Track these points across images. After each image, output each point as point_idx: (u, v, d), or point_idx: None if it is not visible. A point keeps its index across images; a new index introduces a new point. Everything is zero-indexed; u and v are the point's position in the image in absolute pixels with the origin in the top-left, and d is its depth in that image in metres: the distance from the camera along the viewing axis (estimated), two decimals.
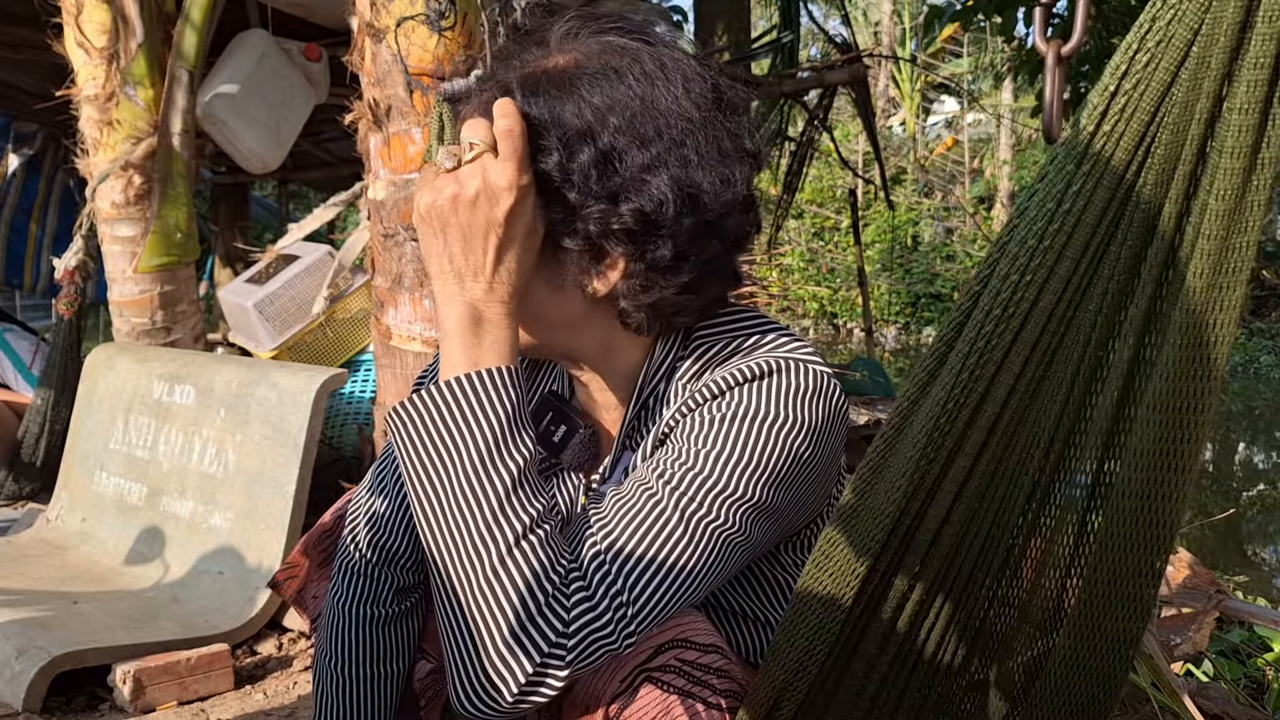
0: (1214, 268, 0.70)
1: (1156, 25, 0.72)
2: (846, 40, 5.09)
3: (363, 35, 2.25)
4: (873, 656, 0.86)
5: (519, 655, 0.77)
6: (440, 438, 0.82)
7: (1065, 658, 0.81)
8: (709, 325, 0.98)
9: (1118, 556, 0.76)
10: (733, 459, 0.84)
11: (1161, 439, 0.73)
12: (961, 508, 0.81)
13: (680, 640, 0.83)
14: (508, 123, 0.83)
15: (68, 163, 4.00)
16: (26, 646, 1.98)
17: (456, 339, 0.84)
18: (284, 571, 1.27)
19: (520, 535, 0.79)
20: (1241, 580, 3.47)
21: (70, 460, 2.98)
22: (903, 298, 14.88)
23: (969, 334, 0.78)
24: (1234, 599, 2.00)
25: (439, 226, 0.84)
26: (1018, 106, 15.27)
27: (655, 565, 0.80)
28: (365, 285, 3.16)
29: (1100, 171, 0.74)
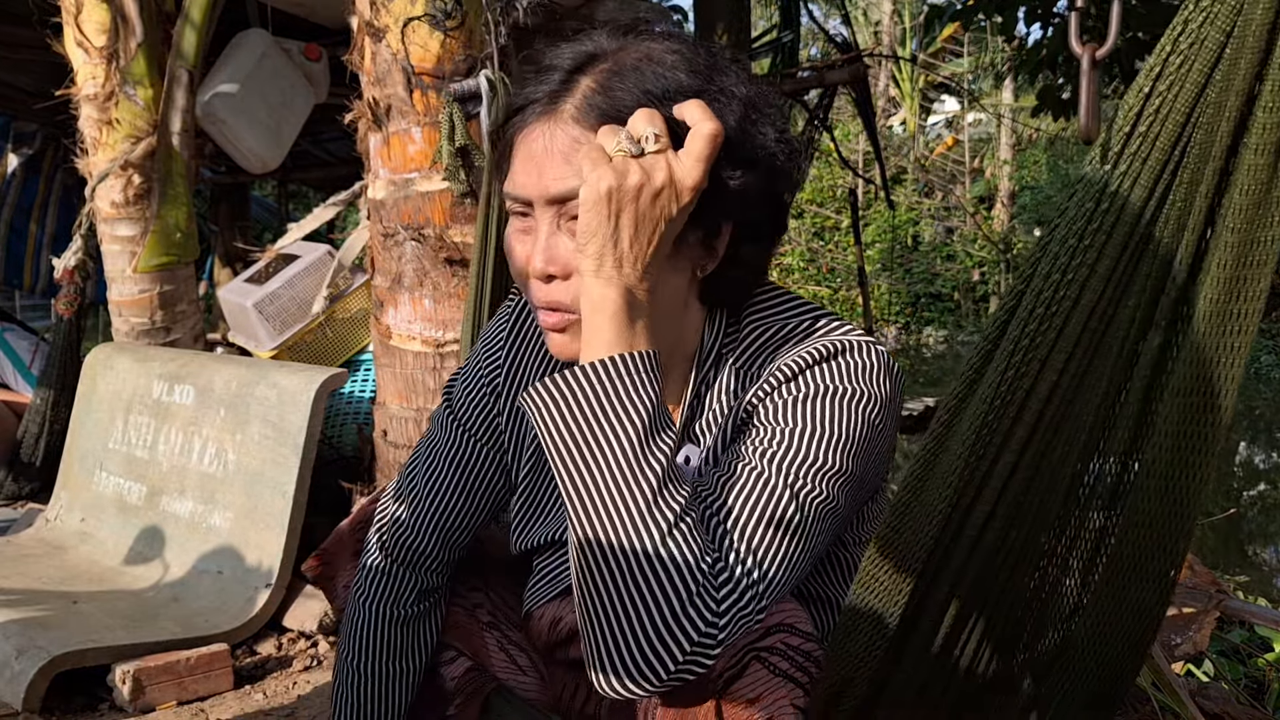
0: (1238, 259, 0.73)
1: (1189, 28, 0.74)
2: (847, 40, 5.08)
3: (362, 35, 2.25)
4: (921, 649, 0.89)
5: (678, 638, 0.79)
6: (599, 415, 0.82)
7: (1091, 630, 0.85)
8: (756, 310, 1.03)
9: (1144, 532, 0.80)
10: (823, 435, 0.89)
11: (1186, 420, 0.77)
12: (1006, 502, 0.84)
13: (787, 625, 0.86)
14: (713, 126, 0.86)
15: (67, 162, 4.00)
16: (26, 646, 1.98)
17: (610, 320, 0.85)
18: (317, 558, 1.28)
19: (674, 523, 0.81)
20: (1242, 580, 3.47)
21: (70, 460, 2.98)
22: (903, 297, 14.88)
23: (1013, 332, 0.81)
24: (1234, 599, 2.00)
25: (614, 210, 0.85)
26: (1018, 106, 15.25)
27: (777, 543, 0.84)
28: (365, 285, 3.16)
29: (1137, 171, 0.77)
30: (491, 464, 1.14)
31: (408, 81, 2.17)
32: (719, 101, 0.91)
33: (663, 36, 0.95)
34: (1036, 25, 5.04)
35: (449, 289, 2.23)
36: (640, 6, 3.32)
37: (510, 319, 1.16)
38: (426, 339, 2.27)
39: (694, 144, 0.86)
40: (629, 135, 0.86)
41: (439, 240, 2.21)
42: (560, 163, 0.91)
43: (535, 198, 0.93)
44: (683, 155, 0.86)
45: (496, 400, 1.14)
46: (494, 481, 1.15)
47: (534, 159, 0.92)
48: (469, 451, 1.14)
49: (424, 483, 1.12)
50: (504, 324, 1.16)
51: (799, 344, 0.97)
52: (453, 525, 1.13)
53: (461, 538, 1.15)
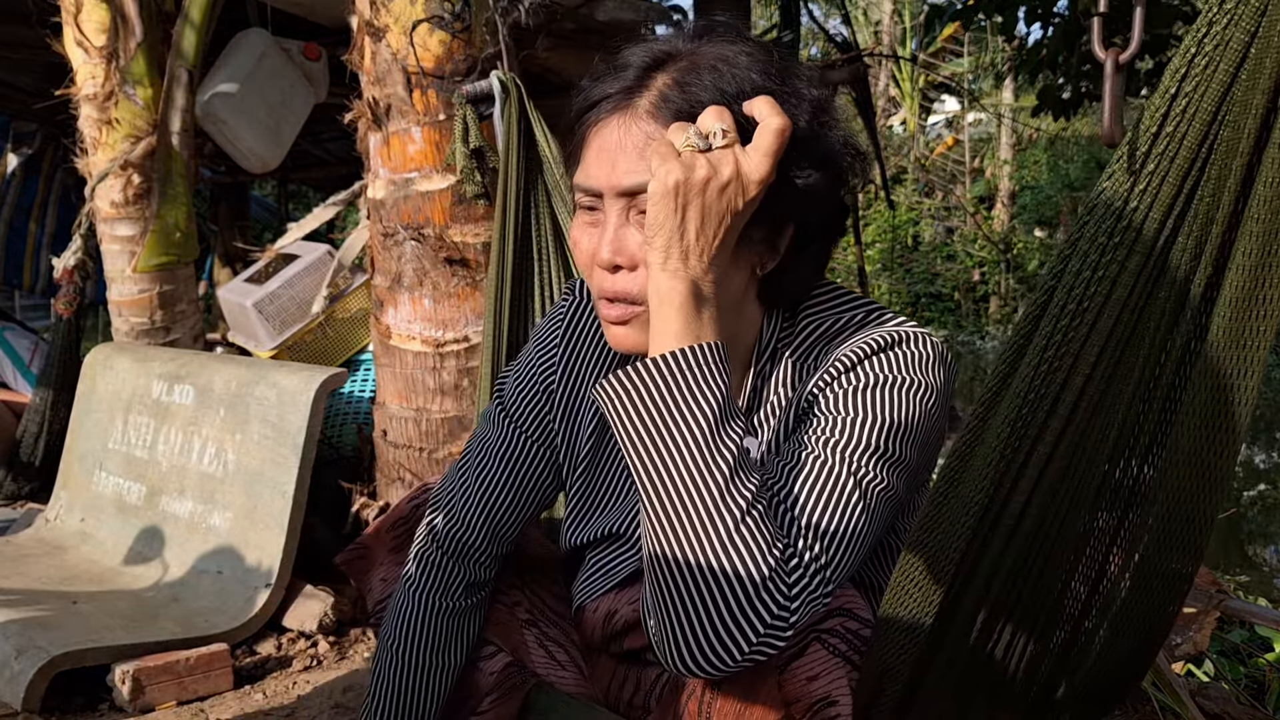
0: (1262, 249, 0.75)
1: (1213, 30, 0.76)
2: (847, 39, 5.08)
3: (362, 34, 2.25)
4: (959, 639, 0.90)
5: (753, 621, 0.81)
6: (672, 406, 0.85)
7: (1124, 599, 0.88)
8: (811, 305, 1.06)
9: (1176, 504, 0.83)
10: (882, 424, 0.92)
11: (1213, 400, 0.79)
12: (1041, 493, 0.86)
13: (846, 610, 0.88)
14: (781, 122, 0.88)
15: (67, 162, 4.00)
16: (25, 646, 1.98)
17: (680, 312, 0.87)
18: (352, 552, 1.31)
19: (746, 510, 0.83)
20: (1242, 580, 3.47)
21: (69, 460, 2.98)
22: (903, 297, 14.88)
23: (1045, 328, 0.83)
24: (1235, 599, 2.00)
25: (681, 203, 0.87)
26: (1018, 106, 15.24)
27: (841, 527, 0.87)
28: (365, 284, 3.16)
29: (1166, 170, 0.79)
30: (542, 461, 1.18)
31: (407, 81, 2.16)
32: (790, 101, 0.93)
33: (737, 39, 0.98)
34: (1036, 25, 5.04)
35: (449, 289, 2.23)
36: (641, 6, 3.32)
37: (565, 318, 1.18)
38: (426, 339, 2.26)
39: (761, 138, 0.88)
40: (698, 131, 0.88)
41: (439, 240, 2.21)
42: (633, 157, 0.93)
43: (606, 189, 0.95)
44: (750, 150, 0.88)
45: (550, 398, 1.17)
46: (543, 478, 1.18)
47: (607, 152, 0.95)
48: (520, 448, 1.17)
49: (475, 478, 1.16)
50: (559, 322, 1.19)
51: (854, 336, 1.00)
52: (502, 520, 1.16)
53: (510, 532, 1.18)
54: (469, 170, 1.99)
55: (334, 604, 2.30)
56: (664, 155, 0.88)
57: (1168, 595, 0.88)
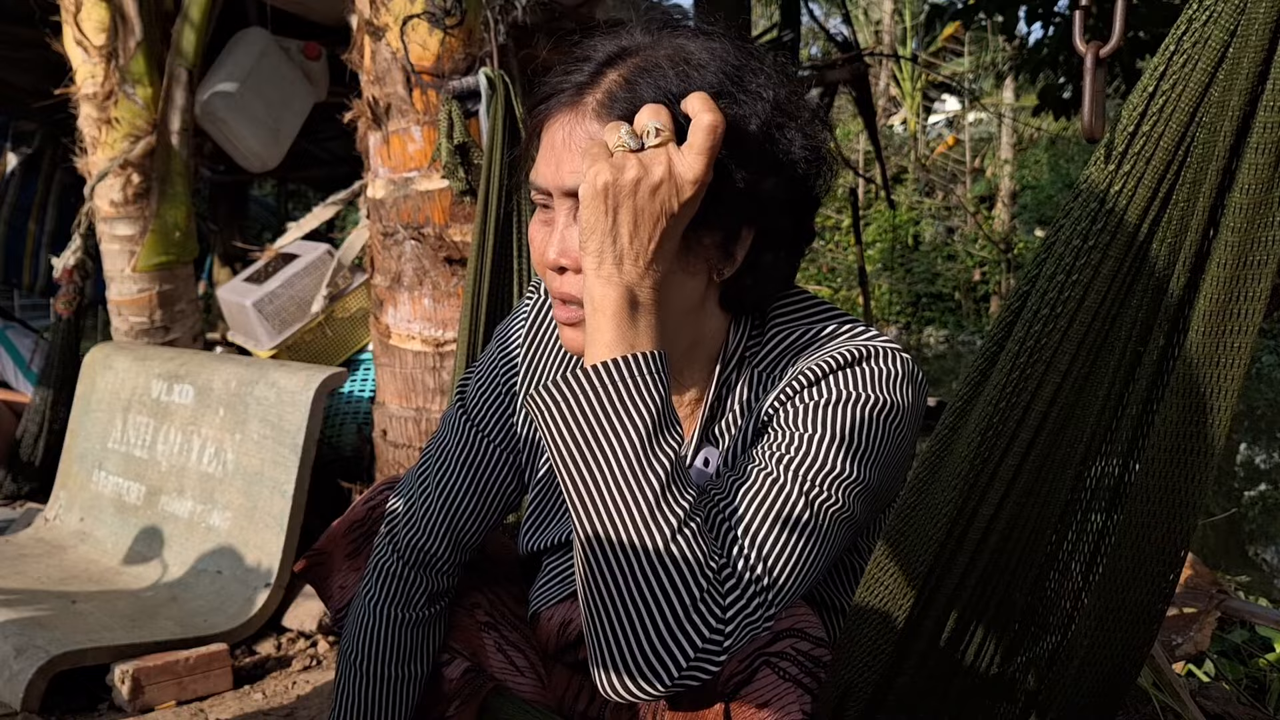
0: (1238, 259, 0.72)
1: (1193, 27, 0.74)
2: (847, 39, 5.09)
3: (362, 33, 2.25)
4: (923, 653, 0.88)
5: (682, 643, 0.78)
6: (601, 419, 0.81)
7: (1091, 630, 0.85)
8: (781, 314, 1.01)
9: (1142, 534, 0.79)
10: (840, 443, 0.88)
11: (1185, 421, 0.76)
12: (1009, 505, 0.83)
13: (797, 630, 0.85)
14: (712, 118, 0.84)
15: (66, 161, 3.99)
16: (25, 646, 1.98)
17: (611, 320, 0.83)
18: (310, 558, 1.27)
19: (678, 526, 0.79)
20: (1243, 580, 3.46)
21: (68, 459, 2.97)
22: (904, 297, 14.87)
23: (1018, 333, 0.81)
24: (1235, 599, 2.00)
25: (611, 206, 0.83)
26: (1019, 106, 15.24)
27: (788, 549, 0.83)
28: (364, 284, 3.15)
29: (1141, 171, 0.77)
30: (504, 465, 1.13)
31: (407, 80, 2.16)
32: (741, 101, 0.89)
33: (699, 33, 0.94)
34: (1037, 25, 5.05)
35: (448, 288, 2.23)
36: (640, 5, 3.32)
37: (529, 317, 1.15)
38: (426, 338, 2.26)
39: (694, 136, 0.84)
40: (630, 130, 0.85)
41: (438, 239, 2.21)
42: (577, 157, 0.90)
43: (553, 189, 0.93)
44: (685, 149, 0.84)
45: (513, 400, 1.14)
46: (506, 483, 1.14)
47: (554, 150, 0.92)
48: (482, 452, 1.13)
49: (436, 484, 1.11)
50: (521, 323, 1.15)
51: (822, 349, 0.96)
52: (464, 527, 1.12)
53: (472, 539, 1.14)
54: (452, 166, 1.98)
55: None
56: (594, 156, 0.84)
57: (1138, 625, 0.83)
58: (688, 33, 0.94)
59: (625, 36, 0.94)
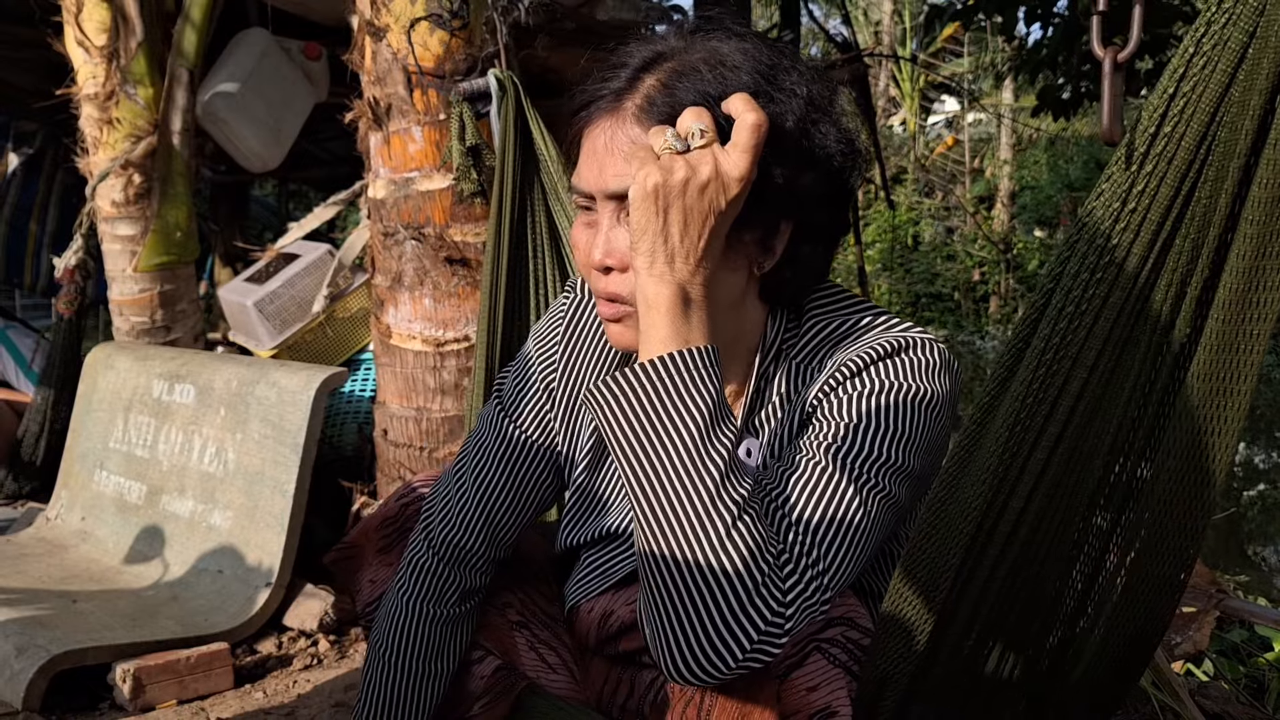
0: (1257, 250, 0.74)
1: (1211, 29, 0.75)
2: (847, 39, 5.09)
3: (363, 34, 2.25)
4: (956, 643, 0.90)
5: (746, 627, 0.80)
6: (660, 412, 0.84)
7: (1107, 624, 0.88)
8: (817, 307, 1.04)
9: (1166, 511, 0.82)
10: (884, 431, 0.91)
11: (1206, 405, 0.79)
12: (1039, 497, 0.85)
13: (847, 619, 0.87)
14: (756, 117, 0.86)
15: (67, 161, 3.99)
16: (26, 645, 1.98)
17: (666, 316, 0.86)
18: (339, 552, 1.28)
19: (738, 515, 0.82)
20: (1242, 580, 3.47)
21: (70, 459, 2.98)
22: (903, 297, 14.87)
23: (1044, 330, 0.83)
24: (1234, 598, 2.00)
25: (662, 206, 0.86)
26: (1018, 106, 15.24)
27: (839, 533, 0.87)
28: (365, 284, 3.16)
29: (1164, 171, 0.78)
30: (542, 461, 1.15)
31: (408, 81, 2.17)
32: (777, 99, 0.92)
33: (730, 35, 0.97)
34: (1036, 25, 5.04)
35: (449, 288, 2.24)
36: (641, 6, 3.32)
37: (566, 316, 1.17)
38: (427, 338, 2.27)
39: (739, 135, 0.87)
40: (675, 132, 0.87)
41: (439, 239, 2.21)
42: (620, 160, 0.93)
43: (596, 192, 0.96)
44: (729, 148, 0.87)
45: (551, 398, 1.16)
46: (543, 480, 1.16)
47: (596, 155, 0.95)
48: (520, 449, 1.15)
49: (473, 481, 1.13)
50: (559, 321, 1.17)
51: (859, 340, 0.99)
52: (501, 524, 1.14)
53: (509, 537, 1.15)
54: (465, 168, 1.98)
55: (334, 603, 2.30)
56: (642, 160, 0.87)
57: (1161, 600, 0.87)
58: (720, 35, 0.97)
59: (659, 41, 0.97)
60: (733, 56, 0.94)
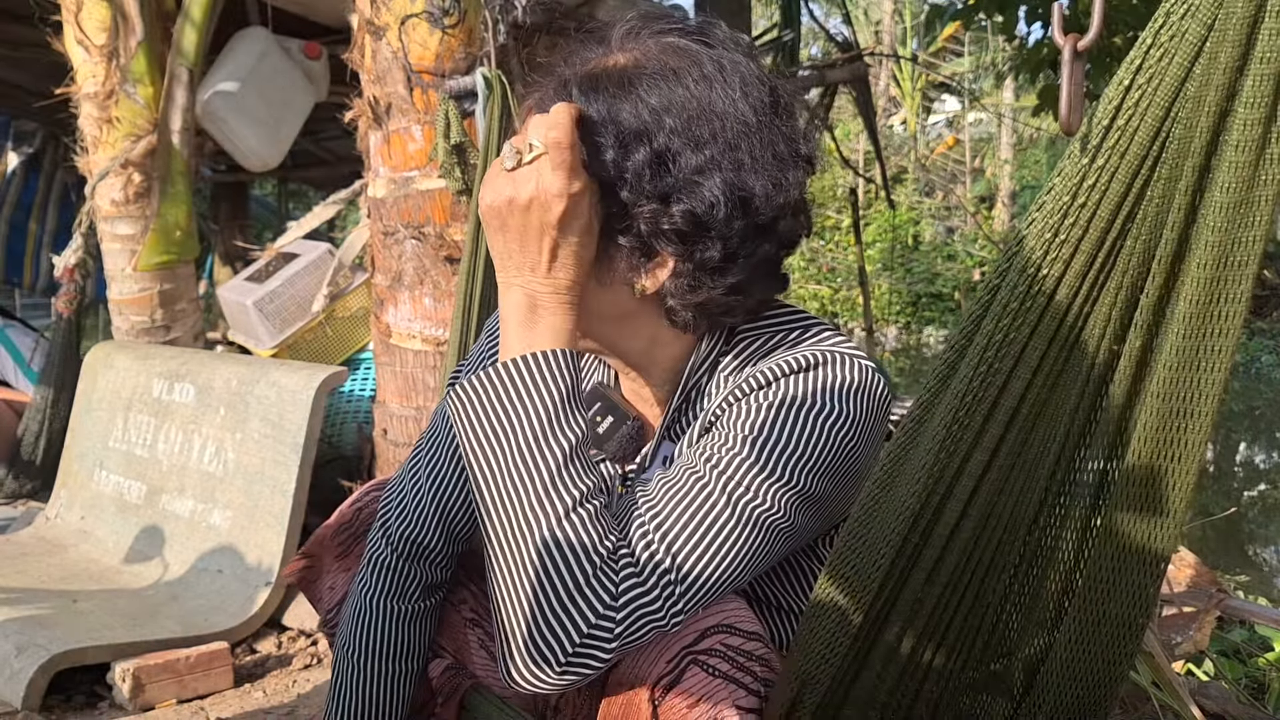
0: (1219, 260, 0.70)
1: (1170, 20, 0.72)
2: (847, 39, 5.08)
3: (363, 33, 2.25)
4: (890, 649, 0.87)
5: (566, 625, 0.79)
6: (497, 413, 0.86)
7: (1070, 644, 0.82)
8: (752, 322, 1.01)
9: (1122, 542, 0.78)
10: (779, 446, 0.87)
11: (1164, 428, 0.74)
12: (979, 502, 0.82)
13: (726, 625, 0.85)
14: (556, 134, 0.85)
15: (67, 161, 4.00)
16: (26, 644, 1.98)
17: (514, 324, 0.89)
18: (298, 561, 1.27)
19: (570, 508, 0.82)
20: (1242, 579, 3.47)
21: (69, 458, 2.98)
22: (903, 297, 14.87)
23: (987, 327, 0.80)
24: (1235, 598, 2.00)
25: (498, 225, 0.89)
26: (1019, 106, 15.24)
27: (703, 546, 0.83)
28: (365, 283, 3.15)
29: (1115, 166, 0.75)
30: None
31: (408, 80, 2.17)
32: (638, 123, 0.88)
33: (676, 33, 0.93)
34: (1037, 24, 5.04)
35: (449, 287, 2.23)
36: (641, 5, 3.32)
37: None
38: (427, 337, 2.26)
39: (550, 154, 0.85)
40: (513, 147, 0.88)
41: (439, 238, 2.21)
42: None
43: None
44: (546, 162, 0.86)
45: None
46: None
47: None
48: None
49: (426, 474, 1.12)
50: None
51: (783, 351, 0.96)
52: (455, 516, 1.13)
53: (464, 529, 1.14)
54: (449, 166, 1.98)
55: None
56: (489, 176, 0.89)
57: (1119, 635, 0.80)
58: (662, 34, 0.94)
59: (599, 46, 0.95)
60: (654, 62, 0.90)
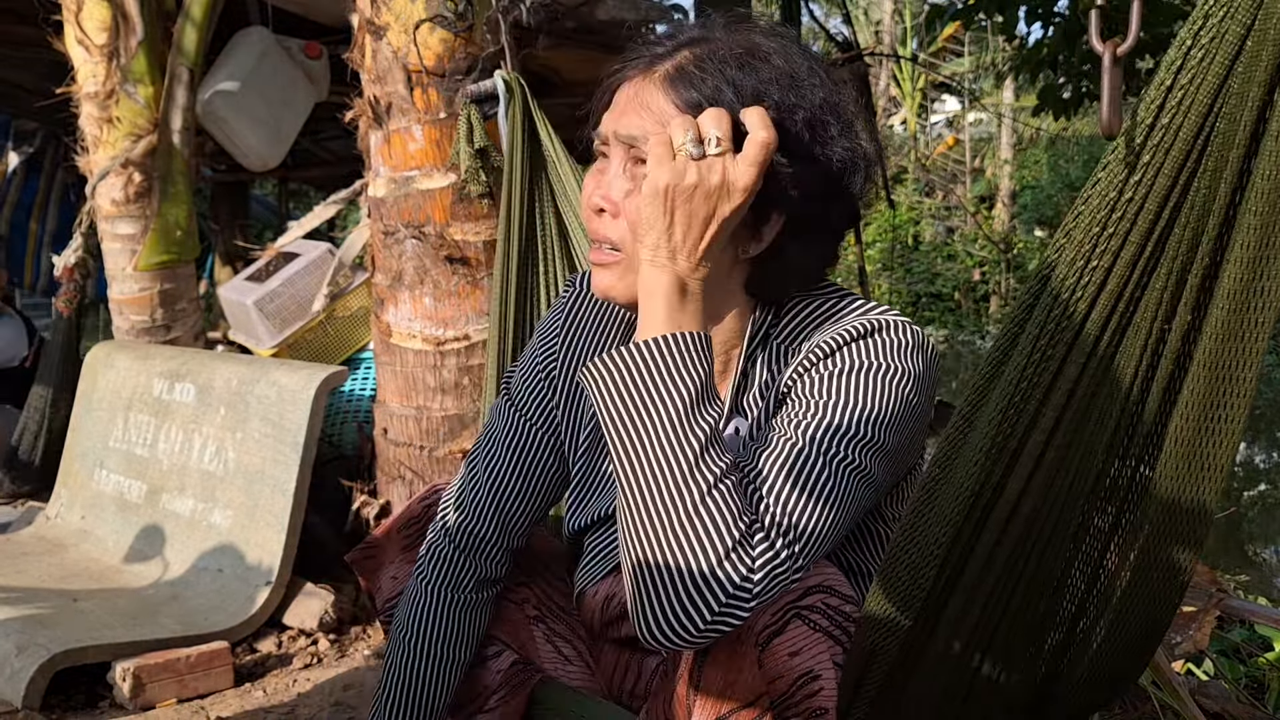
0: (1260, 241, 0.75)
1: (1209, 22, 0.75)
2: (848, 39, 5.09)
3: (363, 32, 2.25)
4: (956, 620, 0.91)
5: (714, 590, 0.84)
6: (648, 388, 0.89)
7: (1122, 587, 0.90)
8: (798, 294, 1.09)
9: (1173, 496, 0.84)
10: (856, 407, 0.95)
11: (1211, 393, 0.80)
12: (1037, 482, 0.86)
13: (826, 587, 0.90)
14: (767, 135, 0.92)
15: (68, 160, 3.99)
16: (26, 644, 1.98)
17: (663, 303, 0.92)
18: (362, 551, 1.32)
19: (714, 483, 0.86)
20: (1242, 579, 3.47)
21: (70, 458, 2.98)
22: (904, 297, 14.88)
23: (1039, 315, 0.83)
24: (1235, 598, 2.00)
25: (670, 206, 0.92)
26: (1019, 106, 15.23)
27: (812, 506, 0.90)
28: (365, 283, 3.15)
29: (1160, 162, 0.79)
30: (548, 449, 1.21)
31: (408, 79, 2.17)
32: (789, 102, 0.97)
33: (770, 34, 1.03)
34: (1037, 24, 5.04)
35: (449, 287, 2.23)
36: (642, 5, 3.32)
37: (565, 308, 1.23)
38: (427, 337, 2.26)
39: (749, 149, 0.92)
40: (695, 136, 0.92)
41: (439, 238, 2.21)
42: (637, 109, 1.00)
43: (609, 133, 1.03)
44: (739, 159, 0.92)
45: (551, 386, 1.22)
46: (550, 467, 1.21)
47: (619, 105, 1.02)
48: (526, 439, 1.21)
49: (484, 470, 1.19)
50: (558, 315, 1.23)
51: (836, 322, 1.04)
52: (511, 512, 1.19)
53: (520, 525, 1.20)
54: (474, 170, 1.99)
55: (334, 602, 2.30)
56: (659, 157, 0.93)
57: (1168, 587, 0.88)
58: (760, 31, 1.03)
59: (706, 27, 1.04)
60: (764, 50, 1.00)
